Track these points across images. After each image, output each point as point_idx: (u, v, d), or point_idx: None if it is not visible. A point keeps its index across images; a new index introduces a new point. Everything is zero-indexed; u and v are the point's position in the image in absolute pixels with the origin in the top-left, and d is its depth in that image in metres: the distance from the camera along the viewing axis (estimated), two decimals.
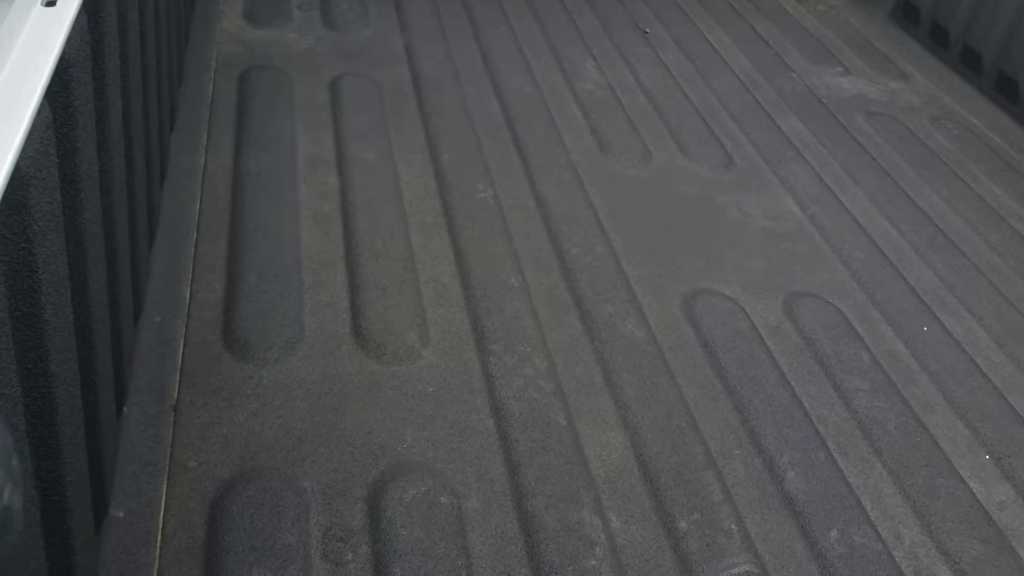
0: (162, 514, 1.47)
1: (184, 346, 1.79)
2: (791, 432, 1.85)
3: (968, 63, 3.39)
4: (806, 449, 1.82)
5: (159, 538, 1.43)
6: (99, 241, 1.16)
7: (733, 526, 1.64)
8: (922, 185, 2.76)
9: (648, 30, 3.45)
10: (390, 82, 2.78)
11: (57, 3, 0.90)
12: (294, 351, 1.83)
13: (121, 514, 1.43)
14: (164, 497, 1.50)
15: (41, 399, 0.90)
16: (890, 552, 1.65)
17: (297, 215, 2.19)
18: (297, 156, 2.39)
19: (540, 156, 2.56)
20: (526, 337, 1.95)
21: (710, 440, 1.80)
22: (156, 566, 1.39)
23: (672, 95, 3.03)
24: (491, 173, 2.45)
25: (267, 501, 1.52)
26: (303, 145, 2.44)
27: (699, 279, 2.22)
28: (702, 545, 1.59)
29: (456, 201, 2.33)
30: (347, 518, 1.52)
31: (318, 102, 2.63)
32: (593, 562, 1.52)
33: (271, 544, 1.45)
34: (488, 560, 1.51)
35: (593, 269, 2.17)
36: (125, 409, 1.57)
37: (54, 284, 0.90)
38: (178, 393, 1.69)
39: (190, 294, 1.92)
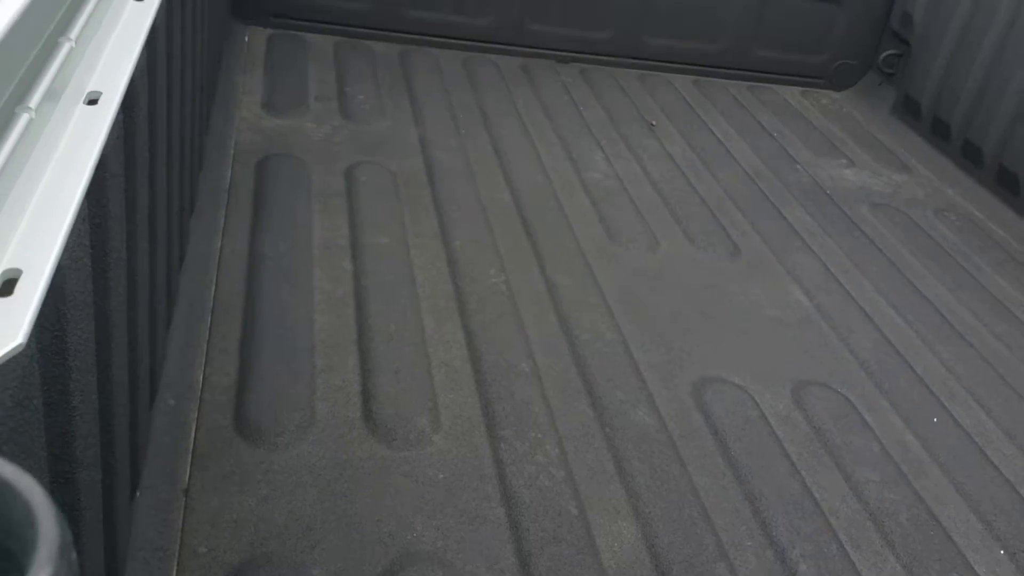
0: None
1: (196, 430, 1.80)
2: (803, 523, 1.84)
3: (969, 157, 3.46)
4: (818, 541, 1.80)
5: None
6: (123, 327, 1.18)
7: None
8: (927, 276, 2.79)
9: (654, 122, 3.54)
10: (405, 171, 2.84)
11: (99, 102, 0.94)
12: (305, 436, 1.84)
13: None
14: None
15: (64, 484, 0.91)
16: None
17: (311, 299, 2.22)
18: (312, 241, 2.43)
19: (550, 243, 2.61)
20: (537, 423, 1.95)
21: (721, 531, 1.79)
22: None
23: (678, 185, 3.09)
24: (503, 259, 2.49)
25: None
26: (318, 230, 2.48)
27: (708, 367, 2.23)
28: None
29: (468, 286, 2.36)
30: None
31: (334, 189, 2.68)
32: None
33: None
34: None
35: (603, 355, 2.19)
36: (138, 493, 1.57)
37: (82, 371, 0.92)
38: (189, 477, 1.69)
39: (203, 377, 1.93)
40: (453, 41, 3.75)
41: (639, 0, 3.80)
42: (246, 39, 3.51)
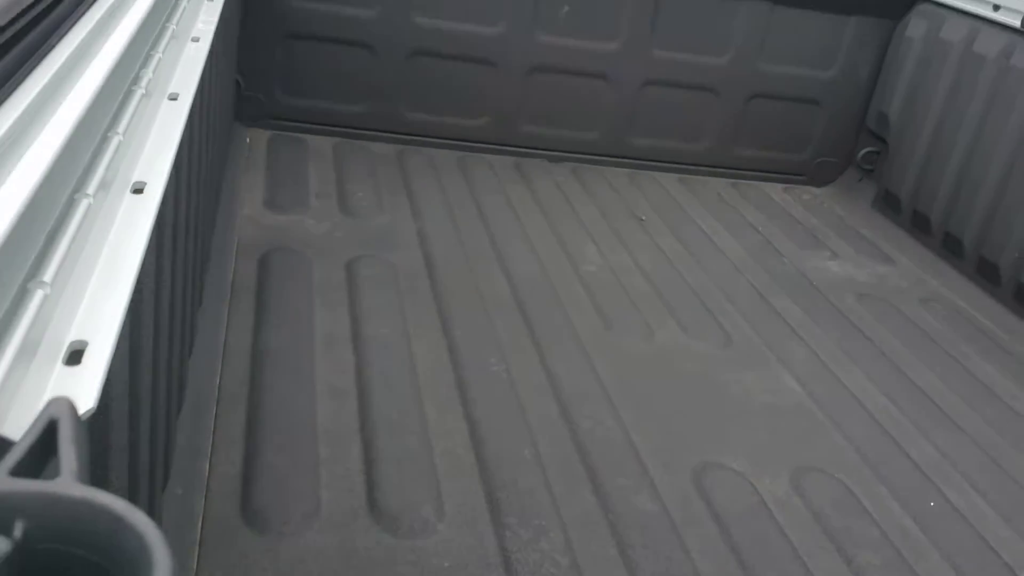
0: None
1: (204, 518, 1.80)
2: None
3: (950, 248, 3.57)
4: None
5: None
6: (148, 409, 1.22)
7: None
8: (916, 363, 2.85)
9: (644, 217, 3.64)
10: (404, 264, 2.91)
11: (144, 191, 1.00)
12: (311, 524, 1.84)
13: None
14: None
15: None
16: None
17: (313, 389, 2.25)
18: (314, 333, 2.48)
19: (549, 333, 2.66)
20: (541, 511, 1.97)
21: None
22: None
23: (670, 277, 3.17)
24: (502, 348, 2.54)
25: None
26: (320, 322, 2.53)
27: (707, 453, 2.26)
28: None
29: (469, 375, 2.40)
30: None
31: (335, 282, 2.74)
32: None
33: None
34: None
35: (604, 442, 2.22)
36: None
37: (119, 450, 0.95)
38: (196, 567, 1.69)
39: (210, 467, 1.95)
40: (448, 141, 3.88)
41: (626, 103, 3.97)
42: (248, 140, 3.62)
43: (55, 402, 0.52)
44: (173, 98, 1.30)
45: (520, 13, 3.73)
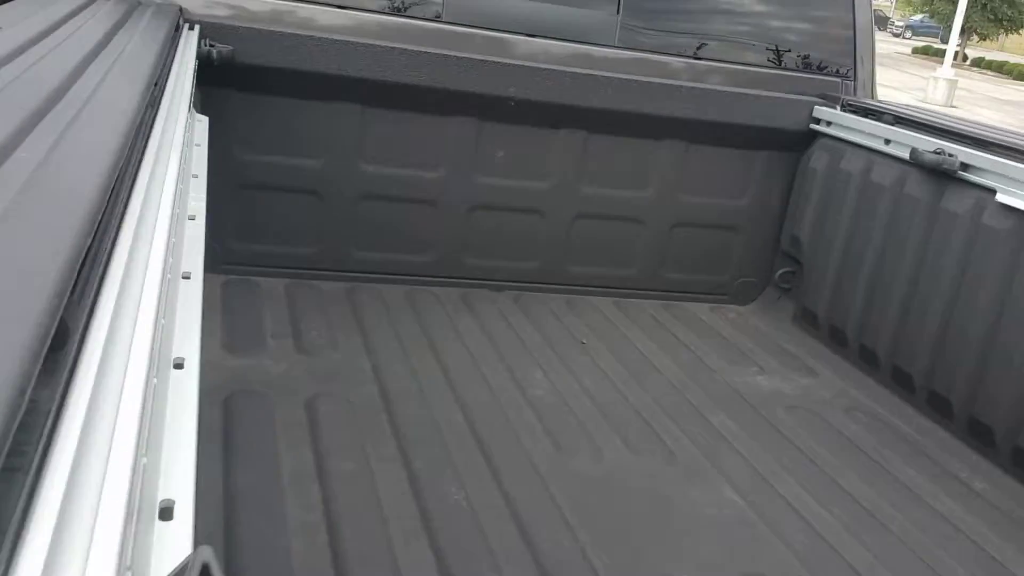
0: None
1: None
2: None
3: (866, 359, 3.87)
4: None
5: None
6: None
7: None
8: (845, 470, 3.07)
9: (584, 341, 3.86)
10: (361, 399, 3.05)
11: (183, 366, 1.15)
12: None
13: None
14: None
15: None
16: None
17: (286, 528, 2.34)
18: (281, 471, 2.58)
19: (504, 459, 2.81)
20: None
21: None
22: None
23: (612, 398, 3.37)
24: (461, 477, 2.68)
25: None
26: (286, 461, 2.64)
27: (661, 567, 2.41)
28: None
29: (431, 505, 2.52)
30: None
31: (296, 421, 2.86)
32: None
33: None
34: None
35: (565, 563, 2.35)
36: None
37: None
38: None
39: None
40: (396, 277, 4.08)
41: (560, 235, 4.25)
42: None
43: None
44: (187, 277, 1.46)
45: (459, 158, 4.01)
